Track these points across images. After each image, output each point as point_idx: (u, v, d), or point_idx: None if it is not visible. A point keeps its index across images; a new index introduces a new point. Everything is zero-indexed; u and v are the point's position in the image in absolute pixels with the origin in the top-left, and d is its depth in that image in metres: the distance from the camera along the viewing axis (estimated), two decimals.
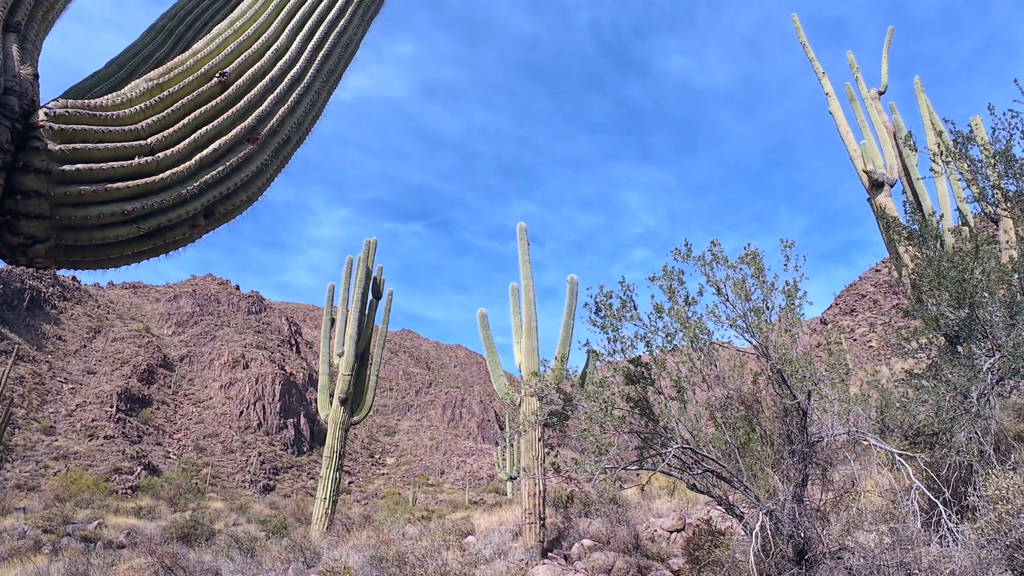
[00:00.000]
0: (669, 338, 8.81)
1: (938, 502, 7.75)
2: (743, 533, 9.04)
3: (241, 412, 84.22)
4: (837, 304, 74.32)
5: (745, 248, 8.79)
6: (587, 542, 14.72)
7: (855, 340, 54.07)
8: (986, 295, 9.35)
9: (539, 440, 14.56)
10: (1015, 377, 8.98)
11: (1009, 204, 10.76)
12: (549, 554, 14.76)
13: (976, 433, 8.71)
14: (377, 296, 22.62)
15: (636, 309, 8.99)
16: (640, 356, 9.18)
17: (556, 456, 11.22)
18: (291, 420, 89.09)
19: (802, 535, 8.45)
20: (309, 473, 79.32)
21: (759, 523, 8.21)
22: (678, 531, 15.50)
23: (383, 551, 13.31)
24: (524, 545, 14.68)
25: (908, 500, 8.06)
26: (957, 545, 7.10)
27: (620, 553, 13.91)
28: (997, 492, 6.25)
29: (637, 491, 18.28)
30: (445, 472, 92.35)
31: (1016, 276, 9.89)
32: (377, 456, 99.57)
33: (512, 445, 33.83)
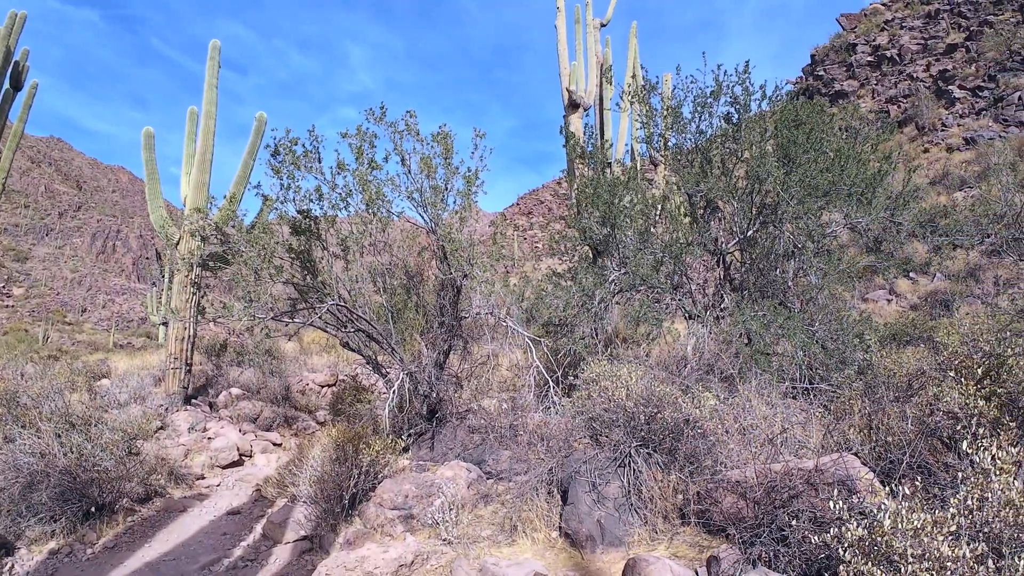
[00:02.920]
0: (346, 197, 8.76)
1: (550, 380, 9.22)
2: (385, 390, 9.74)
3: None
4: (518, 204, 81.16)
5: (440, 127, 9.02)
6: (236, 391, 14.53)
7: (525, 239, 59.89)
8: (627, 221, 10.97)
9: (193, 282, 13.65)
10: (631, 291, 10.81)
11: (667, 153, 12.43)
12: (193, 401, 14.27)
13: (592, 329, 10.45)
14: (16, 87, 17.77)
15: (320, 162, 8.72)
16: (312, 210, 8.99)
17: (204, 298, 10.61)
18: None
19: (436, 396, 9.43)
20: None
21: (399, 382, 8.93)
22: (329, 386, 16.11)
23: None
24: (166, 391, 13.96)
25: (528, 376, 9.46)
26: (555, 414, 8.54)
27: (269, 403, 14.04)
28: (590, 376, 7.62)
29: (296, 346, 18.41)
30: (88, 310, 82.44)
31: (653, 212, 11.71)
32: (1, 285, 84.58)
33: (170, 287, 31.06)
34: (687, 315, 10.64)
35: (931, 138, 31.66)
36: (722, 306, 10.59)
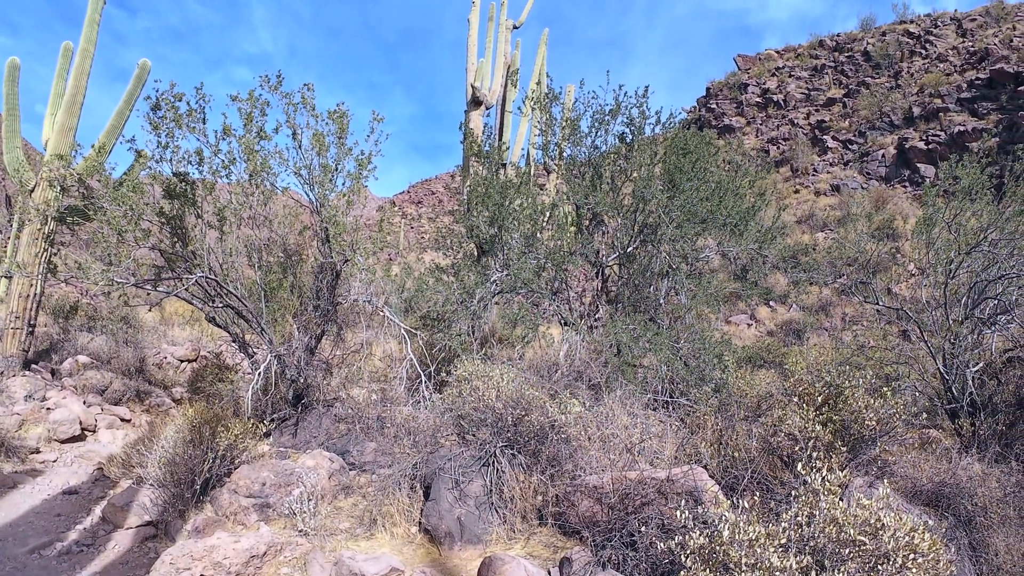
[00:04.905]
0: (229, 164, 8.32)
1: (423, 374, 9.19)
2: (250, 371, 9.34)
3: None
4: (409, 192, 79.44)
5: (337, 105, 8.77)
6: (83, 359, 13.43)
7: (412, 228, 59.17)
8: (515, 223, 11.12)
9: (46, 236, 12.41)
10: (512, 292, 10.97)
11: (561, 162, 12.69)
12: (33, 366, 13.05)
13: (469, 327, 10.51)
14: None
15: (205, 123, 8.22)
16: (190, 173, 8.45)
17: (57, 255, 9.71)
18: None
19: (304, 382, 9.13)
20: None
21: (266, 363, 8.58)
22: (190, 361, 15.23)
23: None
24: (3, 353, 12.67)
25: (401, 368, 9.38)
26: (425, 409, 8.50)
27: (120, 375, 13.08)
28: (463, 374, 7.65)
29: (157, 316, 17.28)
30: None
31: (542, 218, 11.92)
32: None
33: (18, 237, 28.22)
34: (563, 321, 10.91)
35: (803, 181, 34.30)
36: (597, 316, 10.96)
